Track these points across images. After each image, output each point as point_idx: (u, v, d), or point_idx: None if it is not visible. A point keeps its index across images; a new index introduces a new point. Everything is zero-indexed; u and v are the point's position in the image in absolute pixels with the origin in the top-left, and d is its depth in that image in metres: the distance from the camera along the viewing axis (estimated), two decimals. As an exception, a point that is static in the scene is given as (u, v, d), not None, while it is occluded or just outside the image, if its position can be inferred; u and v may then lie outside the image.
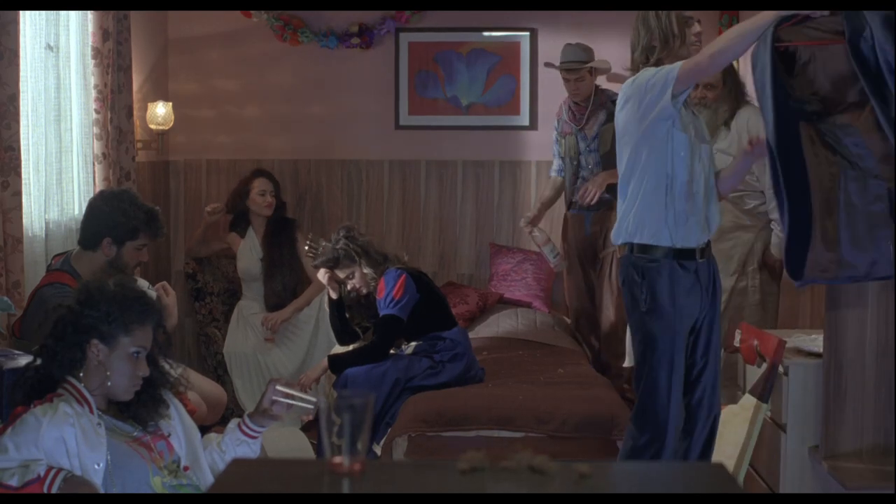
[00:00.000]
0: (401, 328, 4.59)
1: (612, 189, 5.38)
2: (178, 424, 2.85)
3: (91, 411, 2.69)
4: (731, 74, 4.76)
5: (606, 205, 5.42)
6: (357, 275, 4.66)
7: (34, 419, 2.63)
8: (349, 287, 4.71)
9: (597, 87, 5.45)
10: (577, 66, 5.33)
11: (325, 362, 4.63)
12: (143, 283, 4.15)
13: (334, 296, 4.77)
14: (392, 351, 4.65)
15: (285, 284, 5.57)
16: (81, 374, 2.74)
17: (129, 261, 3.82)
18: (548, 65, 5.48)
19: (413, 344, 4.66)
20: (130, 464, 2.68)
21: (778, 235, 4.61)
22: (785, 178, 3.15)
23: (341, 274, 4.68)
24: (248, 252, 5.62)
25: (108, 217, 3.76)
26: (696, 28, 3.71)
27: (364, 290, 4.68)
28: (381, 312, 4.59)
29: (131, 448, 2.71)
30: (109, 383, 2.73)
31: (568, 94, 5.43)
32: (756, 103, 4.70)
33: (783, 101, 3.16)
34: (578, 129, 5.42)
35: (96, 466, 2.63)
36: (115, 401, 2.78)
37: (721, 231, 4.63)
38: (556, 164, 5.62)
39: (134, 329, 2.75)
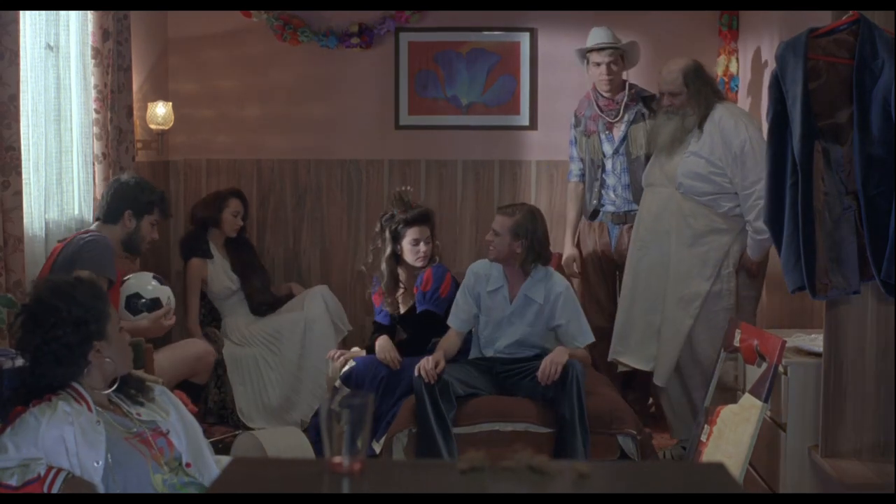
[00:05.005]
0: (439, 325, 4.63)
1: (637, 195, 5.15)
2: (176, 422, 2.85)
3: (89, 409, 2.69)
4: (693, 78, 4.64)
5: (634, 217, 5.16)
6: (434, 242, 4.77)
7: (33, 419, 2.63)
8: (421, 251, 4.71)
9: (625, 81, 5.26)
10: (609, 47, 5.12)
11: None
12: (146, 276, 4.22)
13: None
14: None
15: (263, 282, 5.61)
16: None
17: (145, 235, 4.27)
18: (580, 51, 5.27)
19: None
20: (130, 462, 2.68)
21: (753, 238, 4.51)
22: (803, 194, 3.18)
23: (426, 232, 4.71)
24: (220, 269, 5.52)
25: (129, 191, 4.23)
26: None
27: (423, 262, 4.71)
28: (423, 307, 4.65)
29: (131, 445, 2.71)
30: (116, 367, 2.78)
31: (596, 85, 5.22)
32: (726, 101, 4.75)
33: (807, 115, 3.18)
34: (606, 127, 5.21)
35: (95, 465, 2.63)
36: (120, 376, 2.81)
37: (695, 235, 4.60)
38: (576, 167, 5.41)
39: (109, 309, 2.80)
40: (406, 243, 4.70)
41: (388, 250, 4.76)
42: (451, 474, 1.90)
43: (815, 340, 3.75)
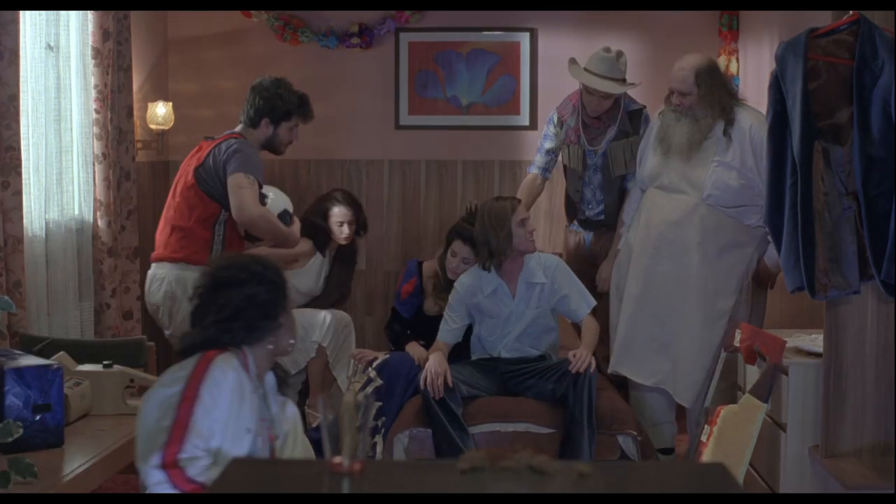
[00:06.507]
0: None
1: (609, 208, 5.00)
2: (289, 432, 2.86)
3: (249, 377, 2.73)
4: (706, 78, 4.39)
5: (605, 224, 5.03)
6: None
7: (220, 371, 2.63)
8: (452, 264, 4.63)
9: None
10: (614, 91, 4.74)
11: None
12: (281, 192, 4.38)
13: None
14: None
15: (340, 300, 5.41)
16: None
17: (283, 139, 4.48)
18: (583, 84, 4.85)
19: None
20: (241, 442, 2.67)
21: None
22: (802, 194, 3.18)
23: (465, 251, 4.58)
24: (317, 270, 5.26)
25: (267, 98, 4.43)
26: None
27: (454, 278, 4.63)
28: None
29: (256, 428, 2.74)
30: (285, 347, 2.85)
31: (585, 106, 4.91)
32: (748, 103, 4.63)
33: (807, 115, 3.18)
34: (588, 141, 4.97)
35: (247, 431, 2.65)
36: (280, 358, 2.88)
37: (720, 249, 4.42)
38: (543, 160, 5.14)
39: (289, 292, 2.86)
40: (448, 252, 4.69)
41: (441, 251, 4.77)
42: (451, 474, 1.90)
43: (815, 340, 3.75)
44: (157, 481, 2.51)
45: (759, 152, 4.31)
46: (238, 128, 4.50)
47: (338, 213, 5.21)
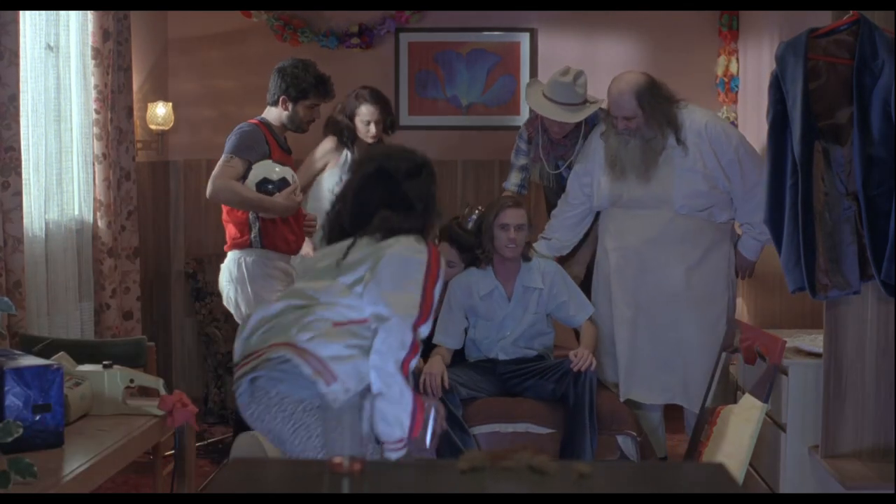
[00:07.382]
0: None
1: None
2: None
3: None
4: (648, 97, 4.31)
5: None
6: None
7: (443, 261, 2.94)
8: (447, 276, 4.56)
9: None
10: (567, 120, 4.60)
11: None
12: (267, 162, 4.46)
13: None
14: None
15: None
16: None
17: (303, 117, 4.64)
18: (536, 109, 4.71)
19: None
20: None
21: (758, 239, 4.38)
22: (803, 195, 3.19)
23: (452, 254, 4.50)
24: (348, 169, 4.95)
25: (285, 78, 4.64)
26: None
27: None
28: None
29: None
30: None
31: (547, 129, 4.73)
32: (686, 104, 4.47)
33: (807, 115, 3.18)
34: (557, 158, 4.82)
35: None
36: None
37: (704, 252, 4.41)
38: (517, 178, 4.94)
39: None
40: None
41: None
42: (451, 474, 1.90)
43: (815, 340, 3.75)
44: (407, 342, 2.77)
45: (717, 147, 4.32)
46: (264, 112, 4.67)
47: (365, 111, 5.08)
